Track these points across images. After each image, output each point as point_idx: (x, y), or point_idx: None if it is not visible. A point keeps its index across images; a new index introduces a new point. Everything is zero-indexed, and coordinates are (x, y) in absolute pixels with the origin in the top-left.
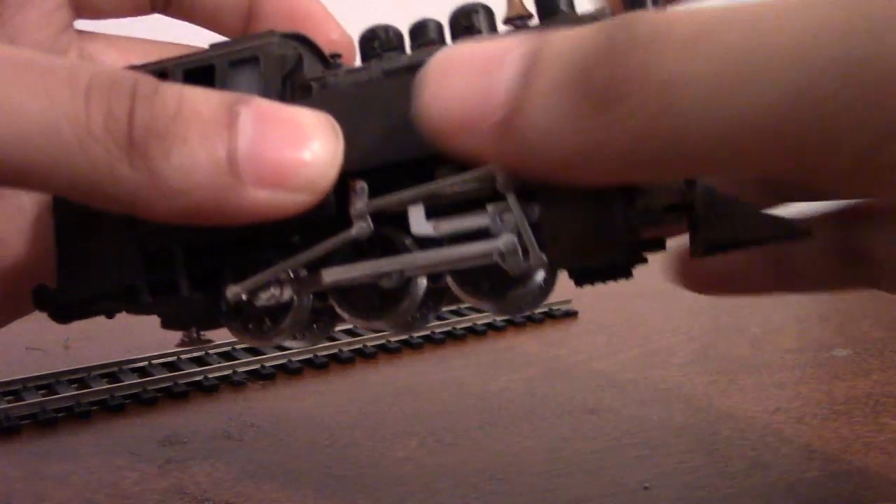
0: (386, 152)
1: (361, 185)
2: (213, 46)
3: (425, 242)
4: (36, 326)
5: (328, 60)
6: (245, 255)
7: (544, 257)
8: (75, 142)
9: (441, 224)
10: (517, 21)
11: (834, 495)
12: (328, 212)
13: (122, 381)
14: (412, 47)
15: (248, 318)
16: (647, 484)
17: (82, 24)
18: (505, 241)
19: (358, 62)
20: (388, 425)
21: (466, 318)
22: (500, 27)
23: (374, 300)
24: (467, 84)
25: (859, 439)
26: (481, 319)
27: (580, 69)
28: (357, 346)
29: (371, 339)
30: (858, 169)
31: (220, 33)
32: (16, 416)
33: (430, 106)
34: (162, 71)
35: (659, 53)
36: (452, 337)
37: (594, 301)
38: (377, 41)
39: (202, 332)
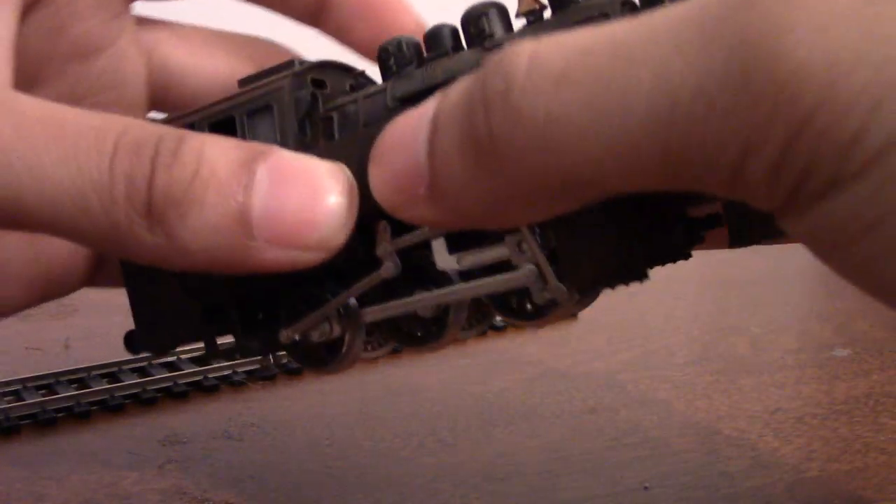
0: None
1: (384, 226)
2: (240, 82)
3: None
4: (36, 326)
5: (355, 77)
6: (291, 299)
7: (563, 287)
8: (100, 208)
9: (464, 258)
10: (531, 15)
11: (834, 495)
12: (357, 255)
13: (122, 381)
14: (428, 57)
15: (307, 352)
16: (647, 484)
17: (142, 9)
18: (525, 272)
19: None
20: (388, 425)
21: None
22: (515, 23)
23: (418, 328)
24: (397, 160)
25: (859, 439)
26: None
27: (465, 122)
28: None
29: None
30: (732, 180)
31: (291, 18)
32: (16, 416)
33: (375, 184)
34: (190, 125)
35: (526, 94)
36: None
37: (594, 301)
38: (392, 59)
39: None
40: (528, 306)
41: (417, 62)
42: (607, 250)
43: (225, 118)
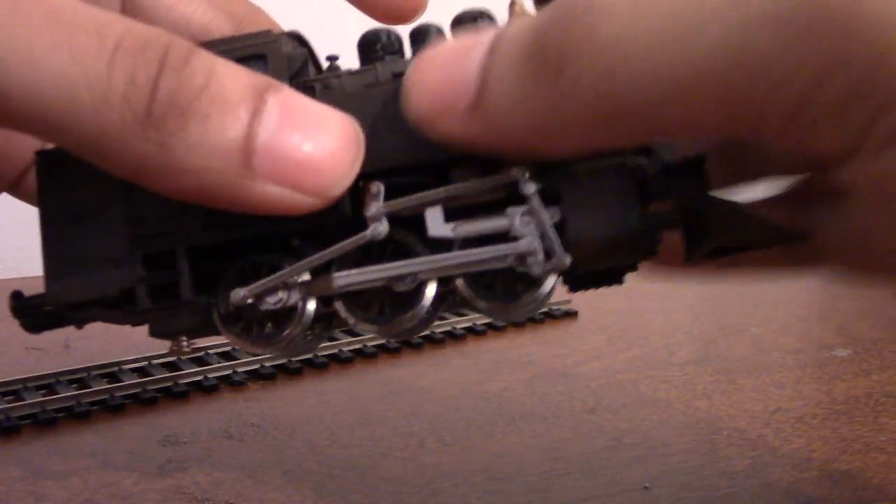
0: (401, 154)
1: (378, 187)
2: (208, 45)
3: (436, 246)
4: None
5: (319, 65)
6: (252, 255)
7: (568, 259)
8: (90, 106)
9: (460, 226)
10: None
11: (834, 495)
12: (343, 214)
13: (122, 381)
14: (413, 51)
15: (249, 323)
16: (647, 484)
17: None
18: (527, 243)
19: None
20: (388, 425)
21: (466, 318)
22: None
23: (385, 305)
24: (442, 74)
25: (859, 439)
26: (481, 319)
27: (534, 42)
28: (357, 346)
29: (371, 340)
30: (795, 115)
31: None
32: (16, 416)
33: (412, 96)
34: None
35: (603, 16)
36: (452, 337)
37: (594, 301)
38: (379, 44)
39: (193, 341)
40: (501, 288)
41: (401, 54)
42: (611, 229)
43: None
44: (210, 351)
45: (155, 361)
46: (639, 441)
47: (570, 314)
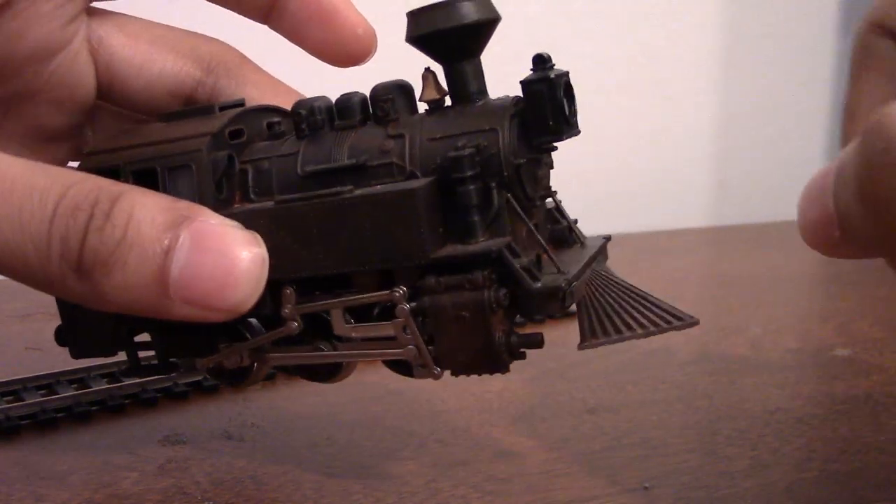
0: (309, 266)
1: (290, 291)
2: (160, 118)
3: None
4: (36, 326)
5: (273, 125)
6: (210, 334)
7: (438, 371)
8: (37, 263)
9: (357, 329)
10: (432, 103)
11: (834, 495)
12: (264, 311)
13: (122, 382)
14: (338, 125)
15: (221, 372)
16: (647, 484)
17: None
18: (408, 351)
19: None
20: (388, 425)
21: None
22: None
23: (319, 370)
24: (813, 212)
25: (859, 439)
26: None
27: (855, 176)
28: None
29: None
30: None
31: (244, 15)
32: (16, 416)
33: (805, 233)
34: (114, 169)
35: None
36: None
37: None
38: (304, 122)
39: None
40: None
41: (329, 125)
42: (476, 345)
43: (148, 168)
44: None
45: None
46: (639, 441)
47: (570, 314)
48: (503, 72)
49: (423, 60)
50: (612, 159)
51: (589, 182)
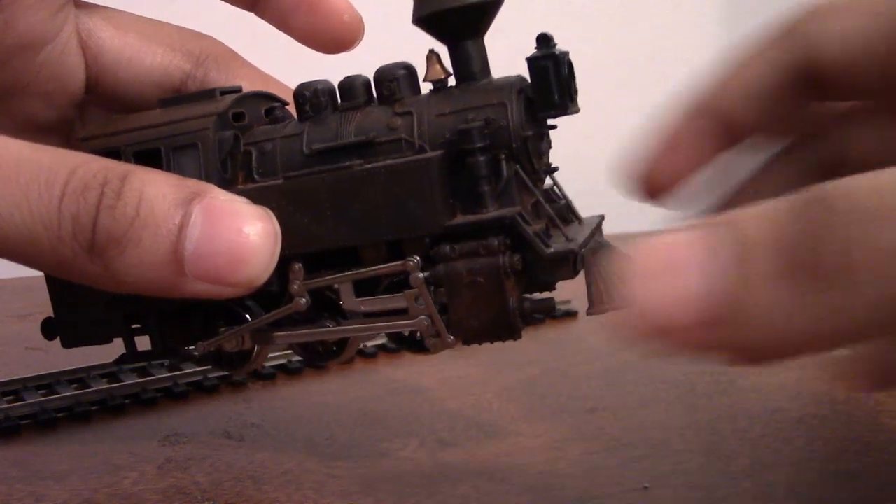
0: (319, 240)
1: (298, 267)
2: (161, 102)
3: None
4: (36, 326)
5: (270, 100)
6: (210, 314)
7: (451, 340)
8: (48, 245)
9: (367, 302)
10: (437, 83)
11: (834, 495)
12: (272, 289)
13: (122, 381)
14: (342, 106)
15: (220, 357)
16: (647, 484)
17: None
18: (419, 322)
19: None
20: (388, 425)
21: None
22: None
23: (321, 349)
24: (675, 285)
25: (859, 439)
26: None
27: (786, 253)
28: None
29: (371, 340)
30: None
31: (232, 4)
32: (16, 416)
33: (644, 307)
34: (114, 151)
35: (874, 226)
36: None
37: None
38: (308, 104)
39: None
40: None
41: (332, 107)
42: (491, 310)
43: (151, 149)
44: None
45: (155, 362)
46: (639, 441)
47: (570, 314)
48: (503, 72)
49: (413, 51)
50: (613, 159)
51: (597, 180)
